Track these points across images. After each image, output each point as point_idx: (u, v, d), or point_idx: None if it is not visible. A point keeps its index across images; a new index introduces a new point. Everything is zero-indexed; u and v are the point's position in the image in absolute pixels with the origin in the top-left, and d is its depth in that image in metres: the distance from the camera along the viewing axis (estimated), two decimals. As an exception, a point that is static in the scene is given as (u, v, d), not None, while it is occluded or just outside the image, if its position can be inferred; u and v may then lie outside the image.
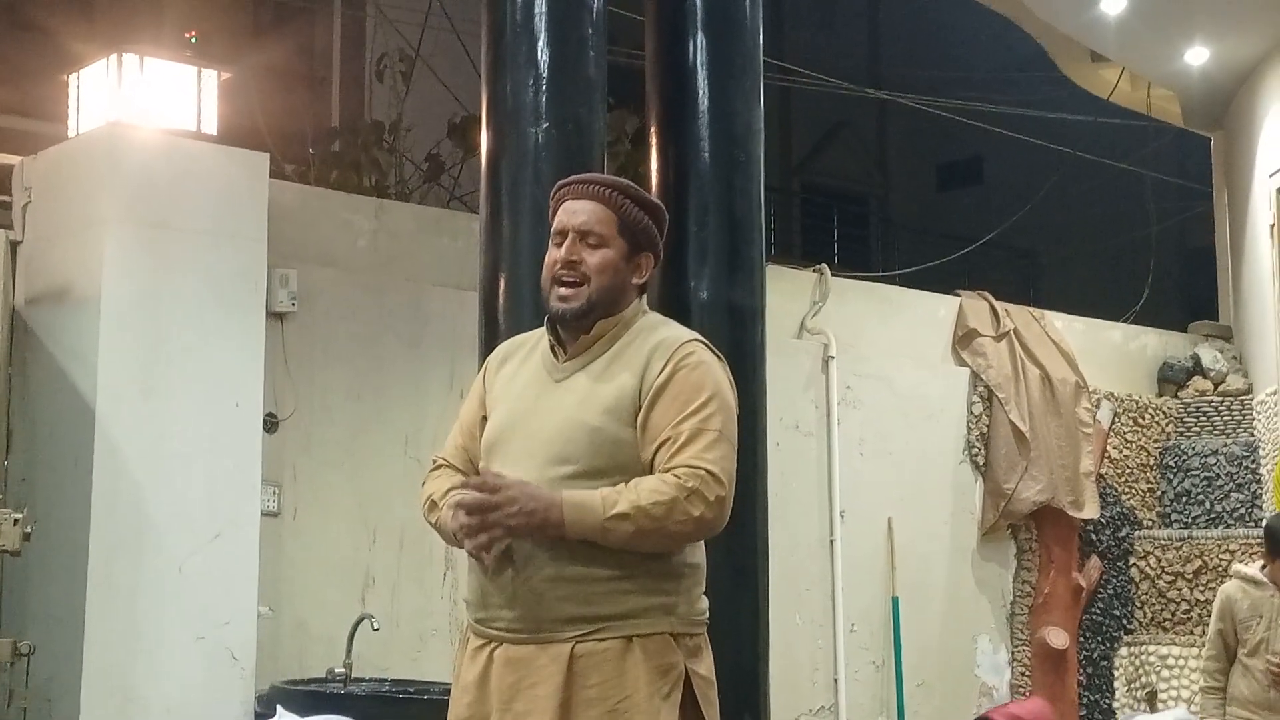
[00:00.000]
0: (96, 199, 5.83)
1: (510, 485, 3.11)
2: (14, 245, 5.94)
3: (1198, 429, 9.65)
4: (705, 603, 3.32)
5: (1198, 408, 9.69)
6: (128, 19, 13.90)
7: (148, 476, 5.71)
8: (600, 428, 3.17)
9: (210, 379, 5.88)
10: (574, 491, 3.11)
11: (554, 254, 3.31)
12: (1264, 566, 5.93)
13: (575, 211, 3.32)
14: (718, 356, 3.32)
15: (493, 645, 3.22)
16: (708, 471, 3.11)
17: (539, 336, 3.40)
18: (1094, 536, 9.17)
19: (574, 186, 3.37)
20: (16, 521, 5.39)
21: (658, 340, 3.28)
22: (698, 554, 3.30)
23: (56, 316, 5.88)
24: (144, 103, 6.11)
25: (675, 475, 3.11)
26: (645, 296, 3.43)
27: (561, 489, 3.14)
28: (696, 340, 3.31)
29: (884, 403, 8.47)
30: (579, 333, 3.31)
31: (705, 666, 3.27)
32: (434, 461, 3.50)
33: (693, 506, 3.09)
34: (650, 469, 3.16)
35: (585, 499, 3.10)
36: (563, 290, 3.28)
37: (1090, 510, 8.96)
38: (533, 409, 3.25)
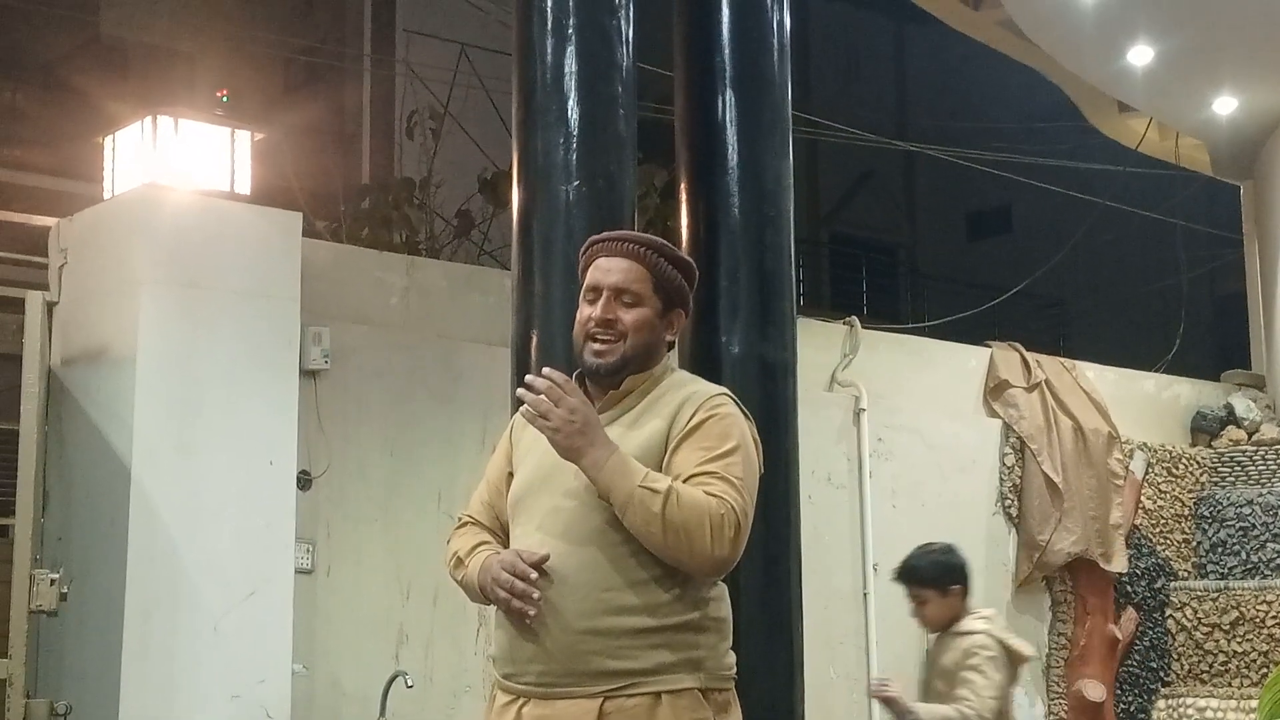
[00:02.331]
0: (132, 260, 5.88)
1: (578, 399, 3.17)
2: (50, 306, 5.99)
3: (1232, 479, 9.59)
4: (733, 658, 3.31)
5: (1232, 457, 9.63)
6: (160, 79, 14.06)
7: (183, 535, 5.73)
8: None
9: (244, 437, 5.91)
10: (628, 455, 3.15)
11: (586, 311, 3.33)
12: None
13: (609, 270, 3.33)
14: (746, 415, 3.33)
15: (521, 701, 3.22)
16: (733, 510, 3.11)
17: None
18: (1129, 588, 9.11)
19: (607, 244, 3.39)
20: (53, 581, 5.42)
21: (689, 393, 3.30)
22: (724, 608, 3.29)
23: (92, 376, 5.92)
24: (179, 164, 6.18)
25: (708, 496, 3.12)
26: (674, 353, 3.44)
27: (592, 544, 3.15)
28: (726, 395, 3.33)
29: (916, 455, 8.45)
30: (609, 388, 3.33)
31: None
32: (459, 519, 3.51)
33: (712, 531, 3.09)
34: None
35: (633, 462, 3.14)
36: (597, 345, 3.30)
37: (1119, 564, 8.90)
38: (560, 464, 3.23)
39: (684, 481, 3.14)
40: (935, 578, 5.37)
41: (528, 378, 3.22)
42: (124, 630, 5.56)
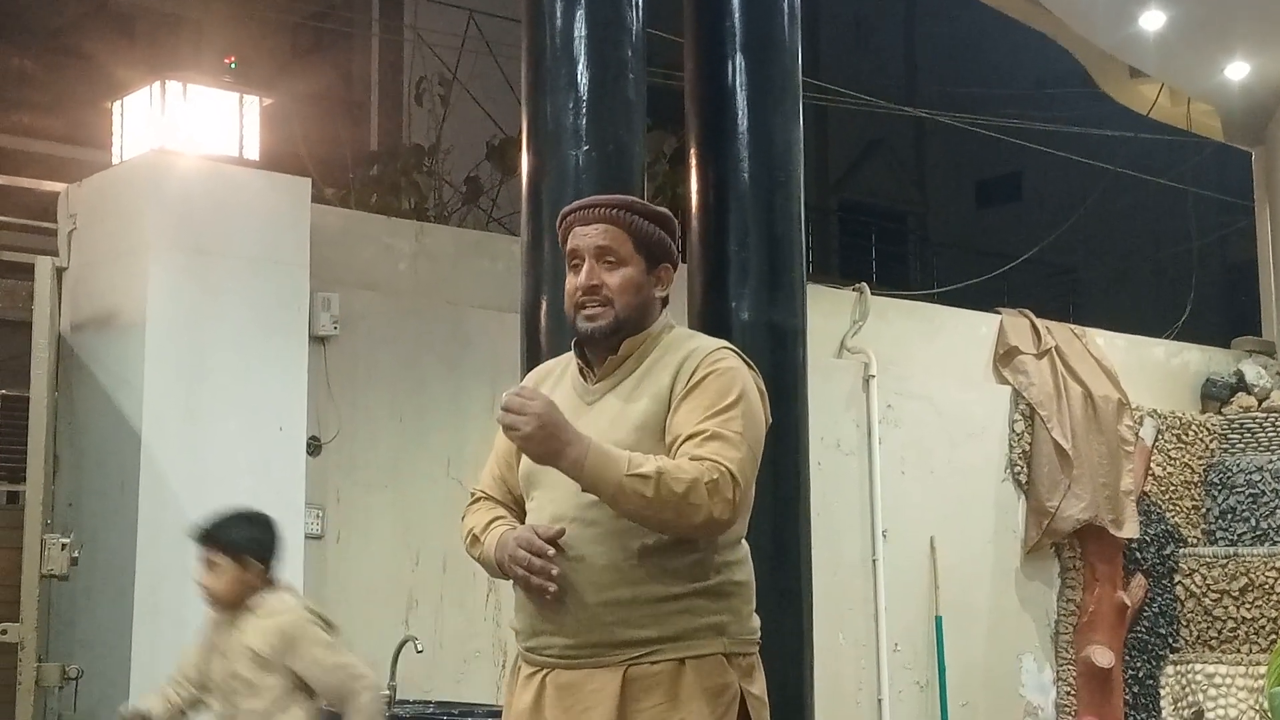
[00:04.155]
0: (141, 225, 5.88)
1: (542, 405, 3.07)
2: (60, 271, 5.99)
3: (1242, 445, 9.59)
4: (756, 621, 3.30)
5: (1242, 424, 9.62)
6: (168, 45, 14.04)
7: (193, 500, 5.73)
8: (633, 445, 3.16)
9: (254, 403, 5.92)
10: (604, 443, 3.09)
11: (573, 280, 3.30)
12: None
13: (588, 234, 3.30)
14: (749, 365, 3.30)
15: (544, 672, 3.21)
16: (727, 469, 3.07)
17: (567, 361, 3.40)
18: (1138, 554, 9.12)
19: (580, 212, 3.34)
20: (64, 546, 5.45)
21: (689, 350, 3.27)
22: (745, 571, 3.28)
23: (102, 342, 5.92)
24: (187, 129, 6.17)
25: (697, 462, 3.08)
26: (668, 309, 3.41)
27: (607, 515, 3.14)
28: (727, 348, 3.29)
29: (925, 421, 8.45)
30: (607, 353, 3.30)
31: (759, 686, 3.25)
32: (472, 494, 3.50)
33: (709, 497, 3.05)
34: None
35: (612, 450, 3.07)
36: (587, 312, 3.28)
37: (1130, 530, 8.91)
38: None
39: (682, 440, 3.12)
40: (244, 547, 4.52)
41: (504, 400, 3.13)
42: (135, 594, 5.58)
